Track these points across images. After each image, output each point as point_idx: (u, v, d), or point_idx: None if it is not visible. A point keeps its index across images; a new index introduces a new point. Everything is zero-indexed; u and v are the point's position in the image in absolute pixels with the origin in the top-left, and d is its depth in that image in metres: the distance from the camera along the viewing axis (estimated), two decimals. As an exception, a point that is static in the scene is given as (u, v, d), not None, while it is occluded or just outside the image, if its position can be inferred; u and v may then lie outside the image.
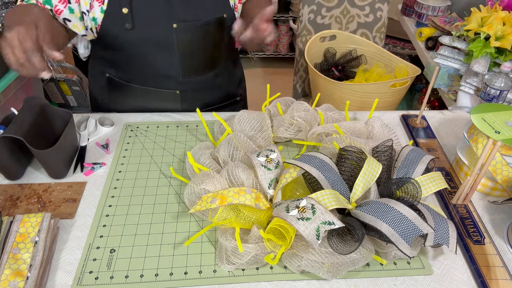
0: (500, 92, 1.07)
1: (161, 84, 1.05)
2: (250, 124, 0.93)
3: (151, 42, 0.97)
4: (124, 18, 0.92)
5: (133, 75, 1.05)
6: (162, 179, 0.86)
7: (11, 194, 0.81)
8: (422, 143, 0.99)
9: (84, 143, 0.94)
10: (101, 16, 0.92)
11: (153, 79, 1.05)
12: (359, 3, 1.73)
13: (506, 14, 1.18)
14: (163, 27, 0.95)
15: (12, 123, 0.78)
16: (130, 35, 0.95)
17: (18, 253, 0.65)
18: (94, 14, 0.91)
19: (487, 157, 0.73)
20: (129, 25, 0.93)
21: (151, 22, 0.95)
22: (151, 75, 1.04)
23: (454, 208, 0.81)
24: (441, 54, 1.32)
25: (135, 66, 1.03)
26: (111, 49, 1.00)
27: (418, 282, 0.68)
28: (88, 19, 0.92)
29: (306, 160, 0.74)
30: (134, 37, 0.95)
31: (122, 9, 0.91)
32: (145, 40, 0.96)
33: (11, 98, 1.48)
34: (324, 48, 1.73)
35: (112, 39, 0.96)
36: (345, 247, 0.65)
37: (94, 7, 0.91)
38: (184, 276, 0.68)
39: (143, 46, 0.98)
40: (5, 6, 1.31)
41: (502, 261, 0.71)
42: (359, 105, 1.47)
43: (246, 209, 0.73)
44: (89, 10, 0.91)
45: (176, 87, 1.06)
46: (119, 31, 0.94)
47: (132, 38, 0.95)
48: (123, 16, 0.92)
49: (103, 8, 0.91)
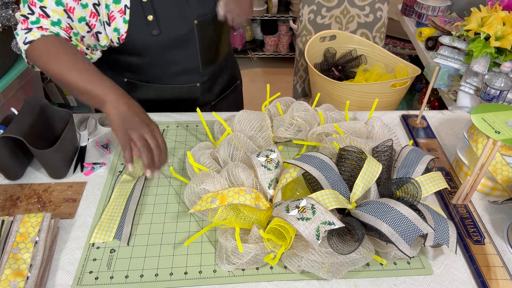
0: (500, 92, 1.07)
1: (183, 79, 1.08)
2: (250, 124, 0.93)
3: (175, 42, 0.99)
4: (150, 25, 0.93)
5: (155, 76, 1.06)
6: (162, 179, 0.86)
7: (11, 194, 0.81)
8: (422, 143, 0.99)
9: (84, 143, 0.94)
10: (124, 26, 0.91)
11: (175, 76, 1.06)
12: (359, 3, 1.73)
13: (506, 14, 1.18)
14: (186, 26, 0.97)
15: (12, 123, 0.78)
16: (156, 40, 0.95)
17: (18, 253, 0.65)
18: (116, 25, 0.91)
19: (487, 157, 0.73)
20: (156, 31, 0.94)
21: (175, 24, 0.96)
22: (173, 73, 1.06)
23: (454, 208, 0.81)
24: (441, 54, 1.32)
25: (158, 67, 1.03)
26: (133, 55, 0.99)
27: (418, 282, 0.68)
28: (109, 30, 0.91)
29: (306, 160, 0.74)
30: (159, 41, 0.96)
31: (147, 16, 0.92)
32: (169, 41, 0.98)
33: (11, 98, 1.48)
34: (324, 48, 1.73)
35: (135, 46, 0.96)
36: (345, 247, 0.65)
37: (116, 18, 0.90)
38: (184, 276, 0.68)
39: (167, 47, 0.99)
40: (5, 6, 1.31)
41: (502, 261, 0.71)
42: (359, 105, 1.47)
43: (246, 209, 0.73)
44: (108, 22, 0.90)
45: (197, 79, 1.09)
46: (145, 37, 0.94)
47: (157, 42, 0.96)
48: (149, 23, 0.93)
49: (126, 18, 0.91)
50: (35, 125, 0.82)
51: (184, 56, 1.03)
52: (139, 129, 0.76)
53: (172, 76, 1.06)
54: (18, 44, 0.95)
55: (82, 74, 0.80)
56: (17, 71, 1.46)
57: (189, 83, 1.09)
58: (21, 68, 1.49)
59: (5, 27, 1.30)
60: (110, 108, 0.77)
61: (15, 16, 1.29)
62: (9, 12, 1.29)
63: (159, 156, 0.77)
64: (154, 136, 0.77)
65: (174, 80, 1.07)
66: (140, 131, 0.76)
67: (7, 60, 1.41)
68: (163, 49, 0.98)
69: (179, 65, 1.04)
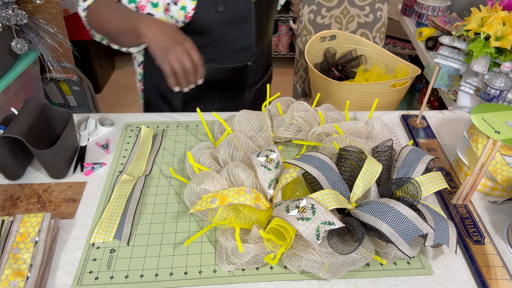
0: (500, 92, 1.07)
1: (237, 58, 1.11)
2: (250, 124, 0.93)
3: (236, 20, 1.02)
4: (216, 1, 0.96)
5: (211, 56, 1.07)
6: (162, 179, 0.86)
7: (11, 194, 0.81)
8: (422, 143, 0.99)
9: (84, 143, 0.94)
10: (192, 3, 0.95)
11: (230, 55, 1.09)
12: (359, 3, 1.73)
13: (506, 14, 1.18)
14: (245, 3, 1.02)
15: (12, 123, 0.78)
16: (220, 17, 0.98)
17: (18, 253, 0.65)
18: (183, 3, 0.94)
19: (487, 157, 0.73)
20: (222, 7, 0.97)
21: (237, 1, 1.00)
22: (229, 51, 1.08)
23: (454, 208, 0.81)
24: (441, 54, 1.32)
25: (216, 46, 1.05)
26: (195, 34, 1.00)
27: (418, 282, 0.68)
28: (175, 10, 0.95)
29: (306, 160, 0.74)
30: (223, 18, 0.99)
31: None
32: (231, 19, 1.01)
33: (11, 98, 1.48)
34: (324, 48, 1.73)
35: (200, 24, 0.99)
36: (345, 247, 0.65)
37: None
38: (184, 276, 0.68)
39: (229, 24, 1.02)
40: (5, 6, 1.31)
41: (502, 261, 0.71)
42: (359, 105, 1.47)
43: (246, 209, 0.73)
44: (174, 1, 0.94)
45: (249, 58, 1.12)
46: (211, 15, 0.97)
47: (221, 19, 0.99)
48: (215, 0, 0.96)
49: None
50: (35, 125, 0.82)
51: (242, 34, 1.07)
52: (175, 52, 0.83)
53: (227, 55, 1.08)
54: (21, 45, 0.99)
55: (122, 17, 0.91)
56: (17, 71, 1.46)
57: (242, 62, 1.12)
58: (21, 68, 1.49)
59: (5, 27, 1.30)
60: (145, 37, 0.85)
61: (15, 16, 1.29)
62: (9, 12, 1.29)
63: (194, 74, 0.85)
64: (189, 55, 0.84)
65: (228, 60, 1.09)
66: (175, 54, 0.82)
67: (7, 60, 1.41)
68: (225, 27, 1.02)
69: (237, 43, 1.07)
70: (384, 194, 0.75)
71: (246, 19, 1.04)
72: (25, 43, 1.25)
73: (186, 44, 0.84)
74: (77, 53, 1.78)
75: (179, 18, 0.96)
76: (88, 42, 2.55)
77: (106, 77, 2.93)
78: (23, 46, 1.25)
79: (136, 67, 1.16)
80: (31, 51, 1.39)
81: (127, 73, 3.04)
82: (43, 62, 1.34)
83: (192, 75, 0.85)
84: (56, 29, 1.31)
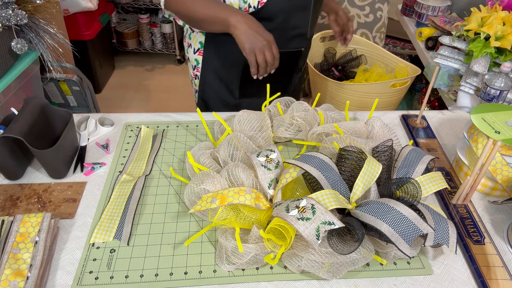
0: (500, 92, 1.07)
1: (292, 44, 1.14)
2: (250, 124, 0.93)
3: (299, 7, 1.06)
4: None
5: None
6: (162, 179, 0.86)
7: (11, 194, 0.81)
8: (422, 143, 0.99)
9: (84, 143, 0.94)
10: None
11: (287, 40, 1.11)
12: (359, 3, 1.73)
13: (506, 14, 1.18)
14: None
15: (12, 123, 0.78)
16: (290, 3, 1.02)
17: (18, 253, 0.65)
18: None
19: (487, 157, 0.73)
20: None
21: None
22: (288, 37, 1.11)
23: (454, 208, 0.81)
24: (441, 54, 1.32)
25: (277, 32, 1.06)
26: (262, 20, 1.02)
27: (418, 282, 0.68)
28: None
29: (306, 160, 0.74)
30: (291, 4, 1.03)
31: None
32: (297, 5, 1.05)
33: (11, 98, 1.48)
34: (324, 48, 1.73)
35: (270, 10, 1.02)
36: (345, 247, 0.65)
37: None
38: (184, 276, 0.68)
39: (296, 10, 1.06)
40: (5, 6, 1.31)
41: (502, 261, 0.71)
42: (359, 105, 1.47)
43: (246, 209, 0.73)
44: None
45: (302, 44, 1.17)
46: (282, 3, 1.01)
47: (290, 5, 1.03)
48: None
49: None
50: (35, 125, 0.82)
51: (302, 21, 1.10)
52: (260, 46, 0.92)
53: (285, 41, 1.11)
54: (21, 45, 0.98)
55: (209, 6, 0.96)
56: (17, 71, 1.46)
57: (296, 48, 1.16)
58: (21, 68, 1.49)
59: (5, 27, 1.30)
60: (234, 29, 0.92)
61: (15, 16, 1.29)
62: (9, 12, 1.29)
63: (272, 65, 0.96)
64: (271, 48, 0.93)
65: (285, 45, 1.11)
66: (260, 47, 0.92)
67: (7, 60, 1.41)
68: (290, 13, 1.05)
69: (297, 29, 1.10)
70: (384, 194, 0.75)
71: (307, 7, 1.08)
72: (25, 43, 1.25)
73: (269, 38, 0.93)
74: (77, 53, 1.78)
75: (253, 3, 0.99)
76: (88, 42, 2.55)
77: (106, 77, 2.93)
78: (23, 46, 1.25)
79: (191, 54, 1.19)
80: (31, 51, 1.39)
81: (127, 73, 3.04)
82: (43, 62, 1.34)
83: (270, 67, 0.96)
84: (56, 29, 1.31)
